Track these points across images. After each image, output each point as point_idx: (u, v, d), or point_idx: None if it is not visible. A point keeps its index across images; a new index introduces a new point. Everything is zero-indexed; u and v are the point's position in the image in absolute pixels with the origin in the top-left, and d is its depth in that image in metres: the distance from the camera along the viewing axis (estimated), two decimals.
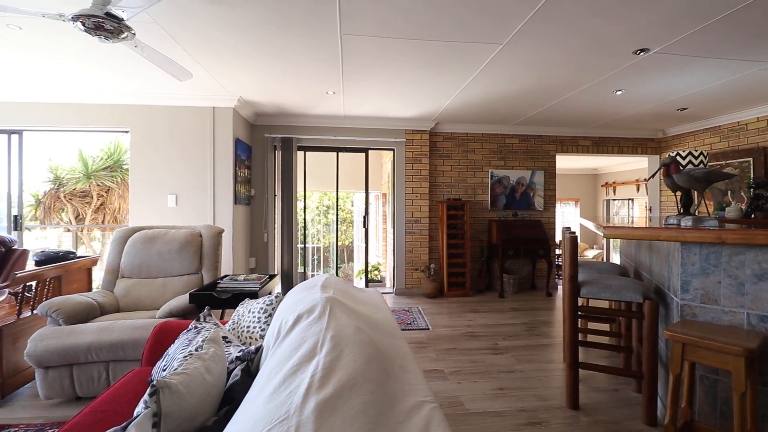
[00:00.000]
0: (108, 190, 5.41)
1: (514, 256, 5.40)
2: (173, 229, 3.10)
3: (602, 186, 9.91)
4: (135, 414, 1.00)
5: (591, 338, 3.30)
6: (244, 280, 2.81)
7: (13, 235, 3.35)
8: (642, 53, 3.04)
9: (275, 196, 5.12)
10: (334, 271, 5.85)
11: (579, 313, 2.41)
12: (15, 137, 4.05)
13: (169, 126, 4.15)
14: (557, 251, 6.63)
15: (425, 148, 5.49)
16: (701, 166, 2.30)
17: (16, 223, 3.90)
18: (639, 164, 8.16)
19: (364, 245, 5.62)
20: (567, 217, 10.28)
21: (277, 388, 0.82)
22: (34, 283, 2.60)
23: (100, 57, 3.14)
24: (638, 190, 8.54)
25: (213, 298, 2.50)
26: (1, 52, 3.04)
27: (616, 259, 9.14)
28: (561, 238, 3.82)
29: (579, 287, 2.40)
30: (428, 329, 3.88)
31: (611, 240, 9.04)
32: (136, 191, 4.12)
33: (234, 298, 2.53)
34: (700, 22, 2.55)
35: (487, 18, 2.51)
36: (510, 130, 5.73)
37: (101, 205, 5.35)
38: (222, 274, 3.30)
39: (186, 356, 1.16)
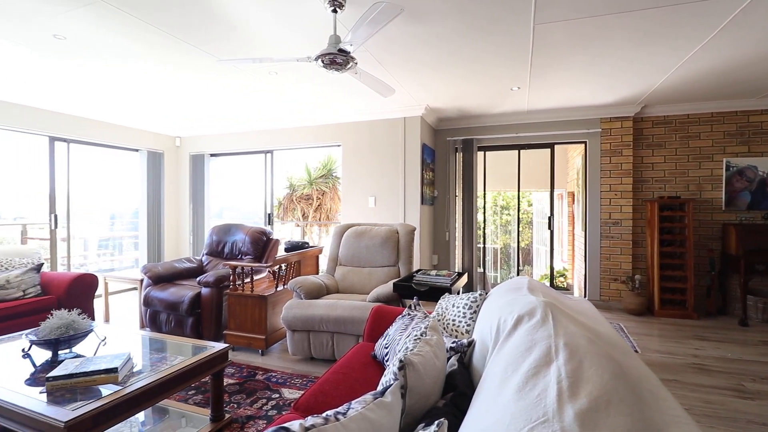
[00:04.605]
0: (323, 193, 6.80)
1: (765, 272, 4.06)
2: (376, 226, 3.60)
3: None
4: (384, 383, 1.21)
5: None
6: (436, 275, 3.00)
7: (269, 228, 4.53)
8: None
9: (456, 196, 5.28)
10: (515, 274, 5.64)
11: None
12: (268, 156, 5.48)
13: (370, 138, 4.82)
14: None
15: (627, 137, 4.69)
16: None
17: (269, 219, 5.33)
18: None
19: (546, 248, 5.22)
20: None
21: (521, 388, 0.85)
22: (284, 265, 3.43)
23: (327, 87, 3.89)
24: None
25: (412, 289, 2.78)
26: (262, 94, 4.10)
27: None
28: None
29: None
30: (636, 352, 3.31)
31: None
32: (346, 193, 4.96)
33: (429, 291, 2.74)
34: None
35: None
36: (757, 104, 4.33)
37: (319, 205, 6.76)
38: (413, 269, 3.62)
39: (416, 339, 1.33)
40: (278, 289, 3.29)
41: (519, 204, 5.63)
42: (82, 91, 4.00)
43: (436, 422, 0.83)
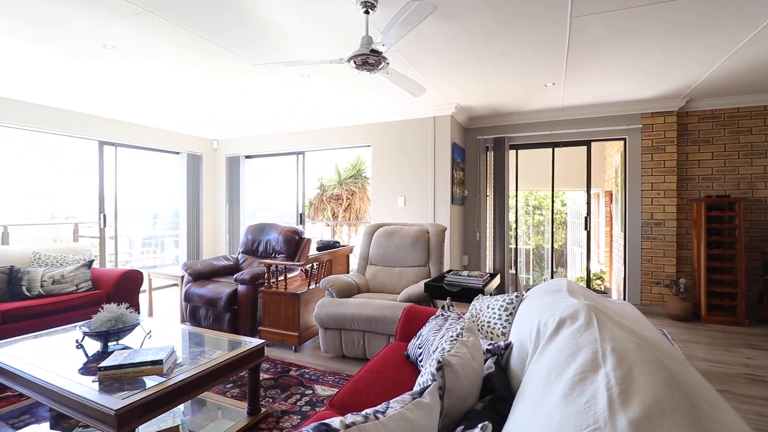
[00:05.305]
0: (353, 193, 6.91)
1: None
2: (406, 226, 3.59)
3: None
4: (422, 383, 1.20)
5: None
6: (468, 276, 2.96)
7: (301, 228, 4.63)
8: None
9: (486, 196, 5.20)
10: (548, 276, 5.47)
11: None
12: (300, 157, 5.61)
13: (400, 137, 4.82)
14: None
15: (671, 133, 4.45)
16: None
17: (301, 219, 5.46)
18: None
19: (581, 249, 5.04)
20: None
21: (568, 393, 0.83)
22: (316, 264, 3.49)
23: (358, 88, 3.92)
24: None
25: (443, 290, 2.76)
26: (294, 95, 4.19)
27: None
28: None
29: None
30: None
31: None
32: (375, 193, 4.98)
33: (462, 292, 2.71)
34: None
35: None
36: None
37: (348, 205, 6.87)
38: (444, 269, 3.59)
39: (452, 340, 1.32)
40: (310, 287, 3.35)
41: (553, 204, 5.46)
42: (128, 97, 4.23)
43: (479, 425, 0.82)
